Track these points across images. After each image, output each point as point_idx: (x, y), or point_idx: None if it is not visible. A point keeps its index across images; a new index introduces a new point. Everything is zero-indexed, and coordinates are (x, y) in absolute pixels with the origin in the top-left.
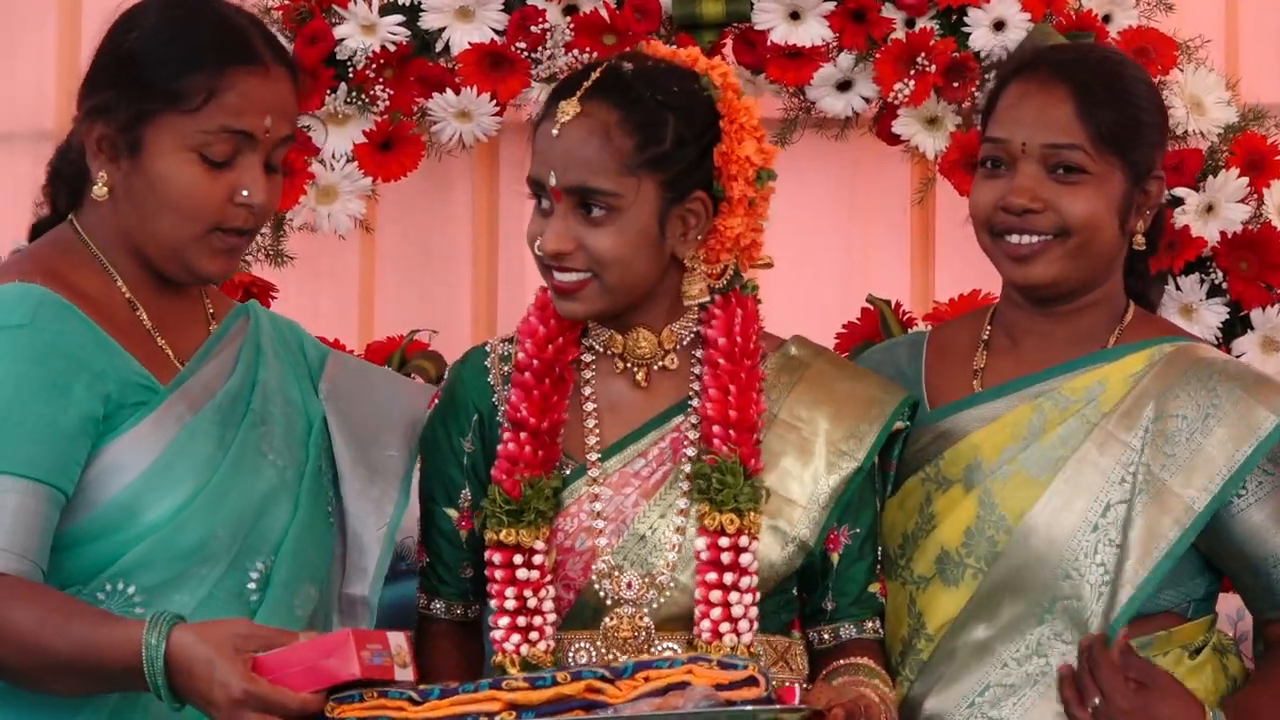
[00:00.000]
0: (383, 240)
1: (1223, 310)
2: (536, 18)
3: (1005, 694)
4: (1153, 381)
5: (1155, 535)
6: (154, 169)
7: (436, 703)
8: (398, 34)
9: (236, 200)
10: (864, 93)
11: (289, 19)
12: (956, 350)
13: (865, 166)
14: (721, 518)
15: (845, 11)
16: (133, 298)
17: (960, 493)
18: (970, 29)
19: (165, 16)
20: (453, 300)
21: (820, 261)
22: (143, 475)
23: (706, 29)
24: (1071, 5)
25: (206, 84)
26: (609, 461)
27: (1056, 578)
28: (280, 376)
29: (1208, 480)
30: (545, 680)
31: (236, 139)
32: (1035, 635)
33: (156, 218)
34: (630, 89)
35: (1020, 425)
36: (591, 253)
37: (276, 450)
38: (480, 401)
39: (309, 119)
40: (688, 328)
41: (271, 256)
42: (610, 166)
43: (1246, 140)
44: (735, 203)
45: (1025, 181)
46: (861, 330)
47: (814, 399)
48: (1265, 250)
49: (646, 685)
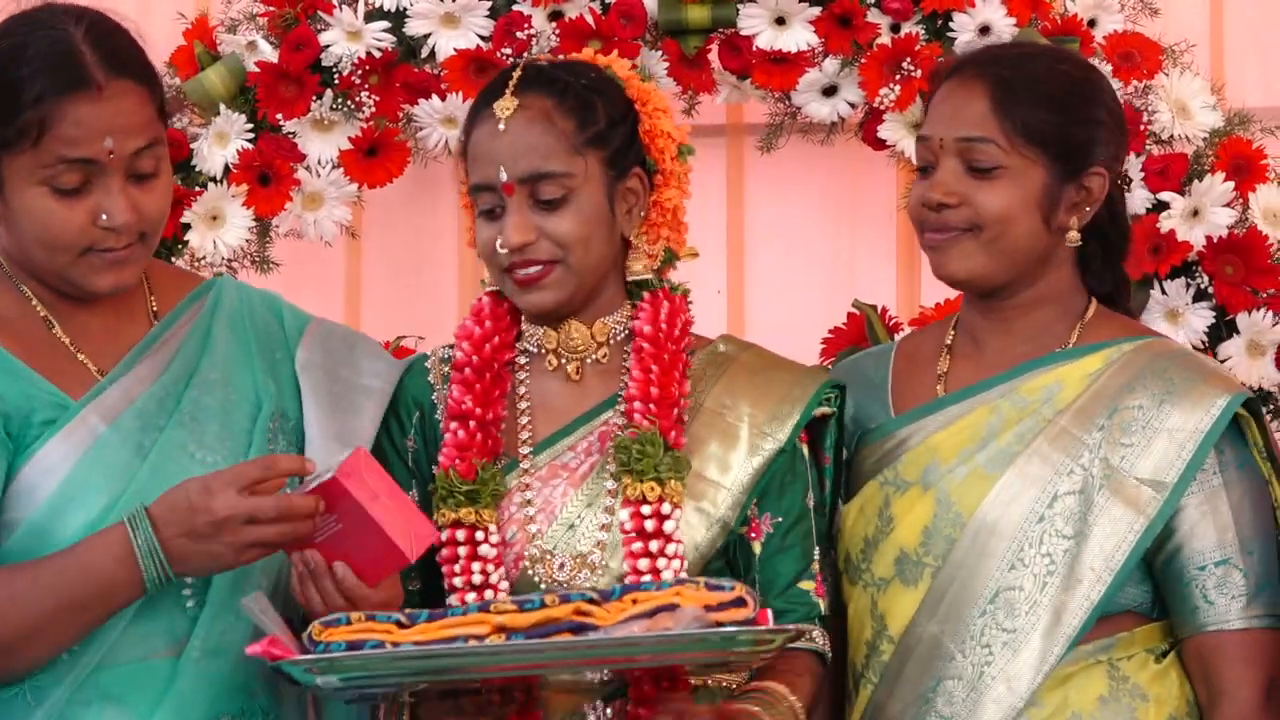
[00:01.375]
0: (369, 246)
1: (1209, 314)
2: (522, 24)
3: (955, 686)
4: (1110, 380)
5: (1119, 526)
6: (15, 204)
7: (425, 625)
8: (383, 40)
9: (99, 224)
10: (849, 98)
11: (274, 25)
12: (922, 357)
13: (851, 171)
14: (643, 486)
15: (831, 17)
16: (48, 315)
17: (918, 493)
18: (955, 34)
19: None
20: (439, 306)
21: (806, 267)
22: (54, 493)
23: (692, 34)
24: (1056, 10)
25: (36, 119)
26: (539, 456)
27: (1002, 569)
28: (228, 361)
29: (1171, 461)
30: (533, 603)
31: (80, 167)
32: (978, 627)
33: (30, 248)
34: (557, 78)
35: (979, 427)
36: (554, 238)
37: (208, 446)
38: (421, 398)
39: (295, 125)
40: (620, 322)
41: (257, 263)
42: (559, 148)
43: (1232, 144)
44: (668, 175)
45: (942, 176)
46: (848, 336)
47: (739, 387)
48: (1251, 254)
49: (635, 607)
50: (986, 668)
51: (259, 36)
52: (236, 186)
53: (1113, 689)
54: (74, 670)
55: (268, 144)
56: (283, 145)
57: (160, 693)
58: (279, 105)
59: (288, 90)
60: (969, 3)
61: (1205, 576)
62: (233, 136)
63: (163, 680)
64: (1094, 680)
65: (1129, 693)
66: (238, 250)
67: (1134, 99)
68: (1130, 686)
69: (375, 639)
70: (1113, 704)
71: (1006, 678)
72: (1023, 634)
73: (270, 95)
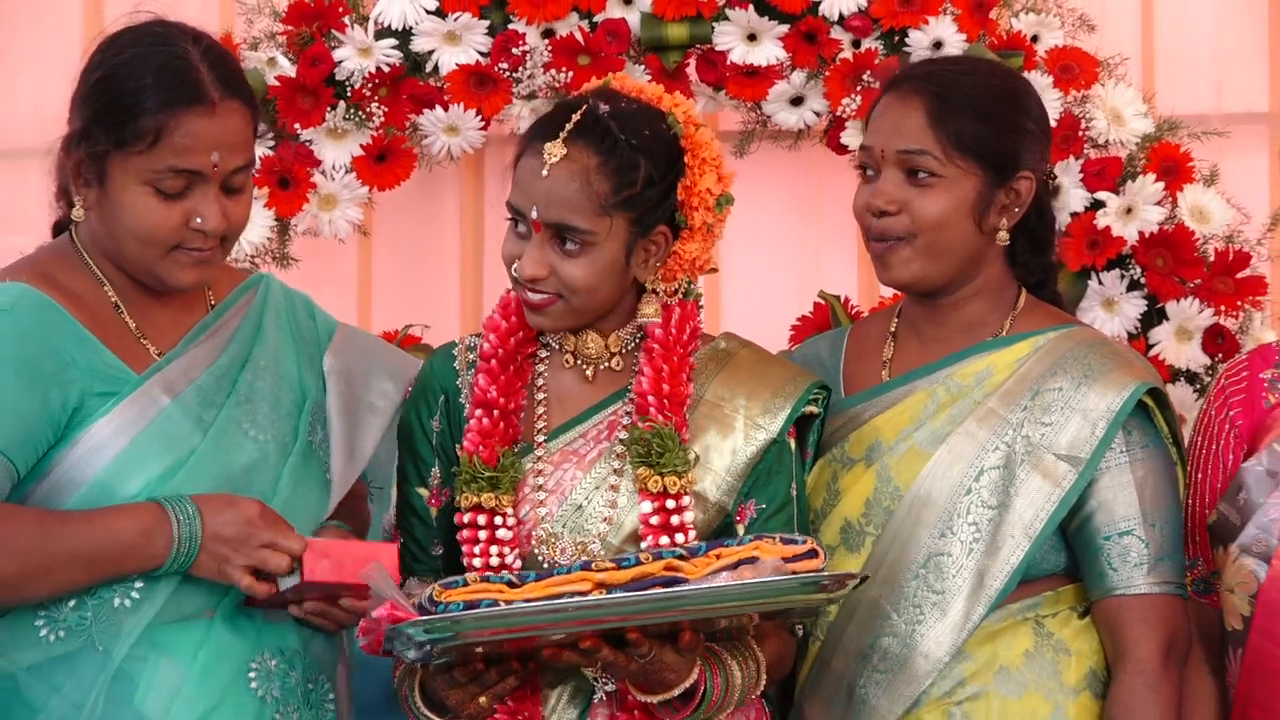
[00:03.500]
0: (378, 244)
1: (1141, 303)
2: (517, 41)
3: (890, 644)
4: (1035, 364)
5: (1037, 497)
6: (116, 199)
7: (533, 585)
8: (391, 56)
9: (192, 226)
10: (815, 107)
11: (292, 43)
12: (870, 343)
13: (816, 174)
14: (664, 480)
15: (797, 33)
16: (118, 301)
17: (861, 469)
18: (911, 49)
19: (125, 55)
20: (442, 298)
21: (776, 261)
22: (120, 455)
23: (671, 50)
24: (1002, 27)
25: (153, 126)
26: (553, 442)
27: (934, 536)
28: (277, 351)
29: (1085, 438)
30: (629, 561)
31: (186, 175)
32: (912, 589)
33: (123, 241)
34: (608, 135)
35: (917, 409)
36: (563, 280)
37: (259, 426)
38: (446, 384)
39: (311, 133)
40: (633, 334)
41: (277, 259)
42: (588, 208)
43: (1162, 149)
44: (695, 230)
45: (884, 185)
46: (814, 323)
47: (736, 381)
48: (1179, 248)
49: (719, 561)
50: (918, 626)
51: (278, 53)
52: (258, 189)
53: (1038, 644)
54: (135, 630)
55: (286, 151)
56: (300, 152)
57: (201, 642)
58: (297, 115)
59: (305, 102)
60: (923, 20)
61: (1111, 545)
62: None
63: (202, 632)
64: (1020, 636)
65: (1052, 647)
66: (260, 247)
67: (1073, 107)
68: (1054, 642)
69: (489, 598)
70: (1038, 658)
71: (935, 636)
72: (950, 596)
73: (289, 106)
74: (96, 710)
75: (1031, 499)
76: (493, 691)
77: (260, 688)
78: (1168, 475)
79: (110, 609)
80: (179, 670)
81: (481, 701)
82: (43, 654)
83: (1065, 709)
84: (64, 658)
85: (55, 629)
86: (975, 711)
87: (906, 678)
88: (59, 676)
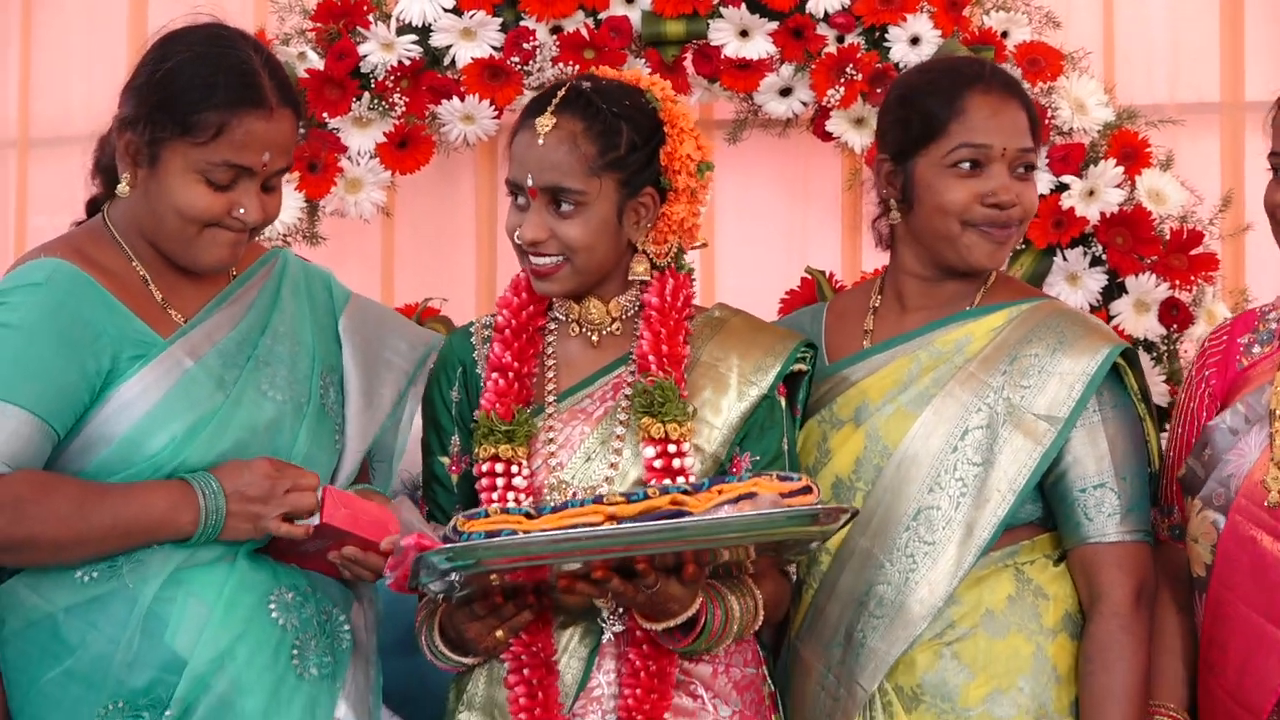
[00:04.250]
0: (400, 223)
1: (1102, 278)
2: (528, 36)
3: (885, 590)
4: (1011, 332)
5: (1020, 454)
6: (166, 182)
7: (549, 516)
8: (412, 51)
9: (233, 214)
10: (802, 98)
11: (321, 39)
12: (851, 315)
13: (803, 159)
14: (666, 427)
15: (786, 30)
16: (146, 275)
17: (851, 429)
18: (890, 44)
19: (193, 52)
20: (459, 273)
21: (767, 239)
22: (147, 414)
23: (670, 45)
24: (975, 23)
25: (216, 121)
26: (563, 403)
27: (923, 490)
28: (294, 318)
29: (1062, 400)
30: (638, 495)
31: (236, 170)
32: (903, 540)
33: (164, 219)
34: (591, 104)
35: (901, 373)
36: (562, 240)
37: (277, 387)
38: (464, 357)
39: (338, 122)
40: (632, 300)
41: (307, 237)
42: (578, 170)
43: (1121, 136)
44: (679, 193)
45: (1002, 179)
46: (801, 297)
47: (729, 343)
48: (1137, 228)
49: (721, 496)
50: (911, 574)
51: (308, 48)
52: (290, 173)
53: (1019, 589)
54: (163, 572)
55: (316, 138)
56: (328, 139)
57: (224, 580)
58: (325, 105)
59: (332, 93)
60: (901, 18)
61: (1086, 497)
62: None
63: (225, 572)
64: (1003, 582)
65: (1032, 592)
66: (291, 227)
67: (1039, 98)
68: (1034, 587)
69: (509, 528)
70: (1019, 602)
71: (929, 582)
72: (941, 545)
73: (317, 97)
74: (131, 646)
75: (1014, 456)
76: (509, 625)
77: (280, 617)
78: (1136, 432)
79: (139, 554)
80: (205, 606)
81: (498, 635)
82: (79, 595)
83: (1045, 648)
84: (98, 599)
85: (89, 570)
86: (964, 651)
87: (903, 622)
88: (94, 615)
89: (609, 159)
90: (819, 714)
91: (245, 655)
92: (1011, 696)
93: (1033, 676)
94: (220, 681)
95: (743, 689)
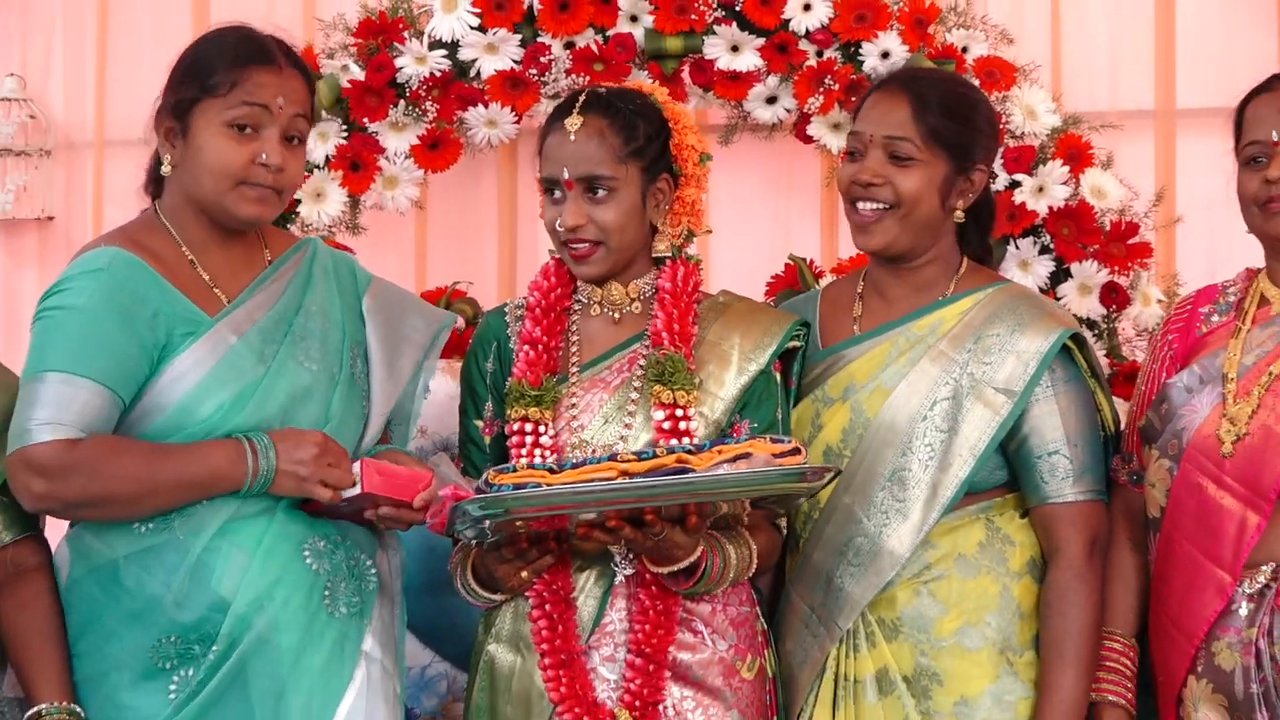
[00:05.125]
0: (431, 216)
1: (1050, 264)
2: (544, 51)
3: (862, 542)
4: (976, 315)
5: (980, 422)
6: (197, 143)
7: (569, 473)
8: (442, 64)
9: (258, 162)
10: (786, 105)
11: (362, 53)
12: (841, 303)
13: (787, 159)
14: (674, 394)
15: (772, 45)
16: (193, 258)
17: (839, 405)
18: (864, 58)
19: (212, 36)
20: (482, 259)
21: (754, 230)
22: (198, 384)
23: (669, 58)
24: (938, 40)
25: (230, 76)
26: (584, 373)
27: (897, 454)
28: (324, 298)
29: (1018, 375)
30: (648, 454)
31: (256, 111)
32: (879, 498)
33: (200, 179)
34: (611, 104)
35: (883, 355)
36: (598, 224)
37: (312, 359)
38: (499, 334)
39: (377, 126)
40: (649, 283)
41: (350, 228)
42: (608, 159)
43: (1067, 139)
44: (688, 178)
45: (871, 163)
46: (785, 280)
47: (732, 325)
48: (1081, 220)
49: (720, 456)
50: (885, 528)
51: (350, 61)
52: (334, 172)
53: (989, 537)
54: (211, 526)
55: (357, 140)
56: (368, 141)
57: (264, 531)
58: (365, 112)
59: (371, 101)
60: (873, 34)
61: (1043, 463)
62: (331, 135)
63: (265, 524)
64: (975, 530)
65: (1001, 539)
66: (335, 219)
67: (996, 105)
68: (1002, 535)
69: (535, 481)
70: (989, 548)
71: (898, 536)
72: (910, 503)
73: (358, 104)
74: (182, 590)
75: (975, 424)
76: (533, 566)
77: (314, 563)
78: (1087, 404)
79: (190, 509)
80: (246, 555)
81: (523, 575)
82: (137, 544)
83: (1011, 589)
84: (154, 548)
85: (146, 522)
86: (939, 590)
87: (875, 569)
88: (150, 562)
89: (632, 148)
90: (802, 649)
91: (282, 597)
92: (980, 630)
93: (999, 613)
94: (260, 620)
95: (738, 625)
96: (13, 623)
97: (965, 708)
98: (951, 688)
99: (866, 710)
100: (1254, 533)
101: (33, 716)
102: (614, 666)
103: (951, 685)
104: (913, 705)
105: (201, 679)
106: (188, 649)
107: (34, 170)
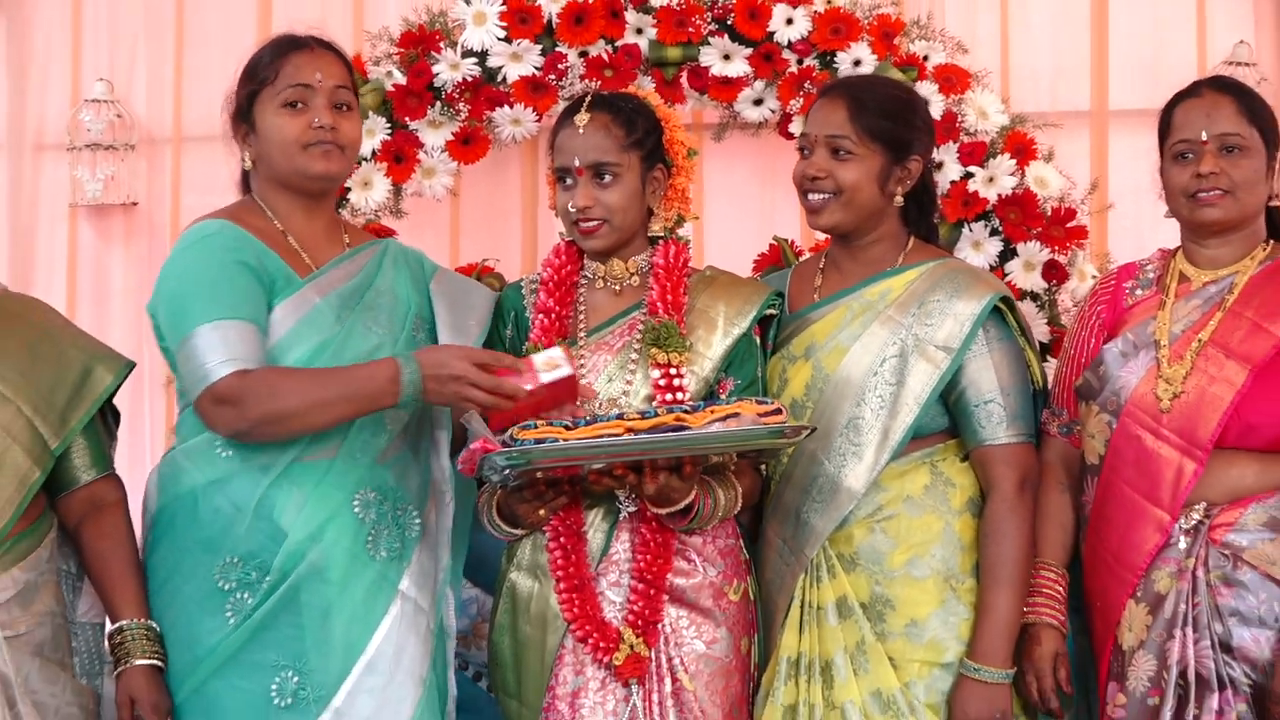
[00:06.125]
0: (465, 201)
1: (999, 244)
2: (562, 59)
3: (824, 482)
4: (920, 283)
5: (923, 376)
6: (263, 129)
7: (583, 429)
8: (473, 70)
9: (312, 126)
10: (771, 106)
11: (404, 61)
12: (806, 276)
13: (772, 154)
14: (669, 355)
15: (759, 54)
16: (284, 229)
17: (802, 363)
18: (838, 66)
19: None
20: (508, 240)
21: (744, 215)
22: (287, 333)
23: (670, 66)
24: (903, 50)
25: (274, 66)
26: (591, 337)
27: (852, 404)
28: (393, 280)
29: (955, 334)
30: (650, 413)
31: (301, 90)
32: (838, 443)
33: (273, 156)
34: (613, 103)
35: (839, 319)
36: (605, 205)
37: (379, 324)
38: (516, 305)
39: (417, 124)
40: (645, 260)
41: (394, 212)
42: (614, 148)
43: (1014, 136)
44: (679, 169)
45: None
46: (769, 259)
47: (717, 295)
48: (1026, 206)
49: (712, 415)
50: (843, 469)
51: (393, 67)
52: (380, 163)
53: (933, 479)
54: (278, 466)
55: (399, 136)
56: (409, 137)
57: (321, 477)
58: (406, 111)
59: (412, 102)
60: (846, 45)
61: (979, 410)
62: (378, 132)
63: (323, 471)
64: (920, 474)
65: (943, 481)
66: (381, 205)
67: (952, 107)
68: (944, 478)
69: (553, 436)
70: (933, 489)
71: (854, 475)
72: (864, 447)
73: (401, 105)
74: (248, 518)
75: (919, 377)
76: (550, 506)
77: (360, 512)
78: (1018, 359)
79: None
80: (304, 494)
81: (540, 513)
82: (218, 470)
83: (953, 525)
84: (230, 476)
85: (226, 448)
86: (890, 527)
87: (835, 504)
88: (226, 490)
89: (633, 139)
90: (777, 576)
91: (332, 536)
92: (926, 561)
93: (943, 546)
94: (312, 553)
95: (725, 555)
96: (95, 550)
97: (915, 628)
98: (902, 611)
99: (829, 632)
100: (1190, 478)
101: (116, 630)
102: (619, 591)
103: (902, 609)
104: (869, 627)
105: (256, 603)
106: (246, 574)
107: (120, 162)
